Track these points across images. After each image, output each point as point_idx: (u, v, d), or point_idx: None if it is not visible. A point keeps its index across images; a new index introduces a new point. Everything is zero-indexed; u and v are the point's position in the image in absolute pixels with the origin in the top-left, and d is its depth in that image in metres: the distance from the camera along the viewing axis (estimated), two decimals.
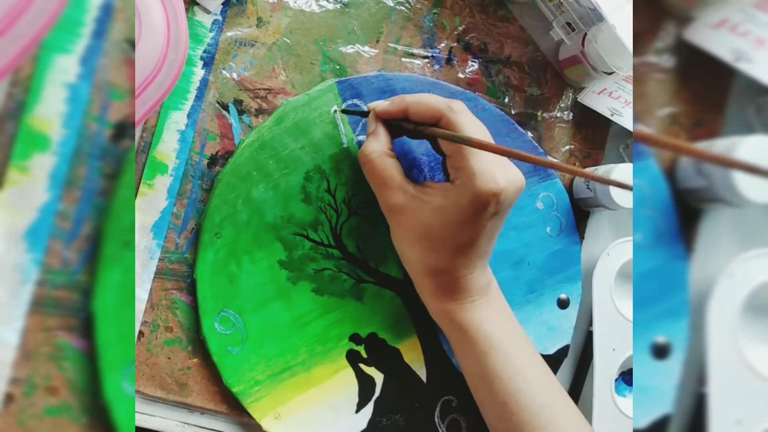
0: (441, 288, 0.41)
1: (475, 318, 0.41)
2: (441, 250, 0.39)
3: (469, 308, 0.41)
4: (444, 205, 0.38)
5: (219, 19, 0.45)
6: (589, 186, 0.47)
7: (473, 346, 0.41)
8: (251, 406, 0.44)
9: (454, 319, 0.41)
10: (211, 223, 0.43)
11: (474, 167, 0.37)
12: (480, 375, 0.41)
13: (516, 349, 0.41)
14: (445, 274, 0.40)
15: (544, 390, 0.40)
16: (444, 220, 0.38)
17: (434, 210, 0.39)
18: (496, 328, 0.41)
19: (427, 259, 0.40)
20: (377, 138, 0.41)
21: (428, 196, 0.39)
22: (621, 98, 0.47)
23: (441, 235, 0.39)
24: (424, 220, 0.39)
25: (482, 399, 0.42)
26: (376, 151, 0.40)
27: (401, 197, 0.40)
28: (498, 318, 0.41)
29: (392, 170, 0.40)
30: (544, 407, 0.39)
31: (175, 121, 0.44)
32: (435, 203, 0.39)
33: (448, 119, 0.38)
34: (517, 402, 0.39)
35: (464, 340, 0.41)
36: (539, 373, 0.41)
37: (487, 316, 0.41)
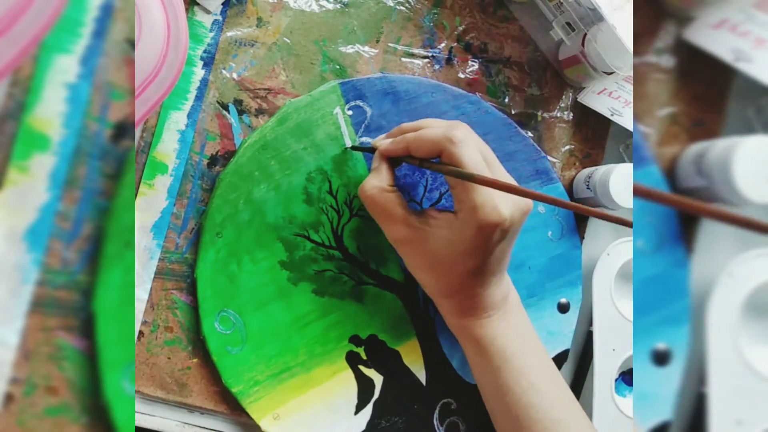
0: (458, 307, 0.41)
1: (489, 332, 0.41)
2: (452, 275, 0.40)
3: (485, 323, 0.41)
4: (449, 236, 0.39)
5: (219, 19, 0.45)
6: (589, 186, 0.47)
7: (487, 360, 0.41)
8: (250, 406, 0.44)
9: (471, 334, 0.41)
10: (213, 222, 0.43)
11: (476, 201, 0.37)
12: (493, 388, 0.41)
13: (530, 363, 0.41)
14: (460, 294, 0.40)
15: (558, 405, 0.40)
16: (450, 249, 0.39)
17: (439, 240, 0.39)
18: (510, 342, 0.41)
19: (440, 285, 0.41)
20: (378, 174, 0.41)
21: (432, 227, 0.40)
22: (621, 98, 0.47)
23: (449, 261, 0.39)
24: (431, 249, 0.40)
25: (495, 412, 0.42)
26: (375, 187, 0.41)
27: (405, 230, 0.40)
28: (513, 332, 0.42)
29: (393, 205, 0.40)
30: (557, 422, 0.39)
31: (175, 121, 0.44)
32: (440, 234, 0.39)
33: (449, 153, 0.38)
34: (529, 416, 0.39)
35: (479, 354, 0.41)
36: (554, 388, 0.41)
37: (502, 330, 0.41)
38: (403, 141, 0.40)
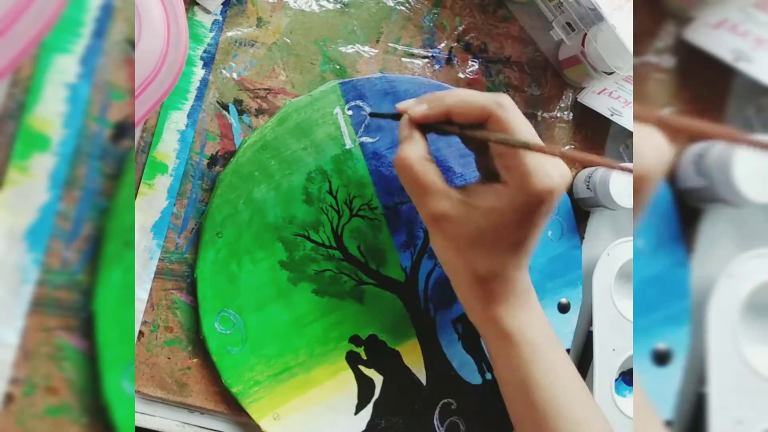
0: (489, 294, 0.39)
1: (518, 323, 0.39)
2: (493, 253, 0.37)
3: (516, 313, 0.39)
4: (497, 207, 0.36)
5: (219, 19, 0.45)
6: (589, 186, 0.47)
7: (516, 352, 0.39)
8: (250, 406, 0.44)
9: (499, 326, 0.39)
10: (213, 222, 0.43)
11: (529, 165, 0.35)
12: (519, 382, 0.39)
13: (556, 357, 0.40)
14: (495, 277, 0.38)
15: (582, 402, 0.39)
16: (497, 221, 0.36)
17: (485, 213, 0.36)
18: (537, 334, 0.39)
19: (476, 265, 0.38)
20: (414, 142, 0.38)
21: (476, 199, 0.37)
22: (621, 98, 0.47)
23: (493, 237, 0.37)
24: (474, 225, 0.37)
25: (518, 406, 0.41)
26: (414, 155, 0.37)
27: (446, 204, 0.37)
28: (539, 325, 0.40)
29: (433, 176, 0.37)
30: (583, 422, 0.38)
31: (175, 121, 0.44)
32: (485, 206, 0.36)
33: (498, 118, 0.36)
34: (557, 412, 0.38)
35: (507, 346, 0.39)
36: (579, 386, 0.40)
37: (529, 321, 0.39)
38: (443, 105, 0.37)
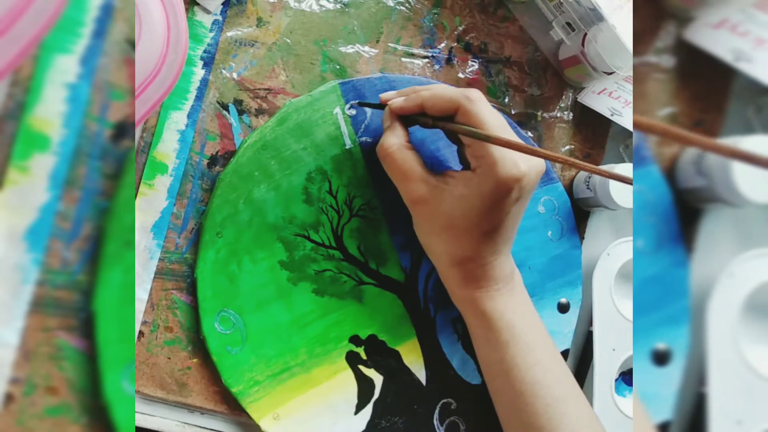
0: (467, 277, 0.41)
1: (498, 306, 0.41)
2: (466, 238, 0.39)
3: (494, 296, 0.41)
4: (466, 193, 0.38)
5: (219, 19, 0.45)
6: (589, 186, 0.47)
7: (495, 335, 0.41)
8: (250, 406, 0.44)
9: (478, 308, 0.41)
10: (213, 222, 0.43)
11: (495, 155, 0.37)
12: (499, 363, 0.41)
13: (536, 339, 0.41)
14: (471, 262, 0.40)
15: (561, 383, 0.41)
16: (467, 208, 0.38)
17: (457, 199, 0.39)
18: (518, 317, 0.41)
19: (452, 249, 0.40)
20: (394, 132, 0.41)
21: (450, 185, 0.39)
22: (621, 98, 0.47)
23: (465, 223, 0.39)
24: (447, 209, 0.39)
25: (498, 389, 0.42)
26: (395, 144, 0.40)
27: (423, 188, 0.40)
28: (521, 308, 0.42)
29: (412, 162, 0.40)
30: (560, 399, 0.39)
31: (175, 121, 0.44)
32: (457, 192, 0.39)
33: (465, 109, 0.38)
34: (533, 393, 0.39)
35: (487, 328, 0.41)
36: (557, 366, 0.41)
37: (510, 305, 0.41)
38: (418, 98, 0.40)
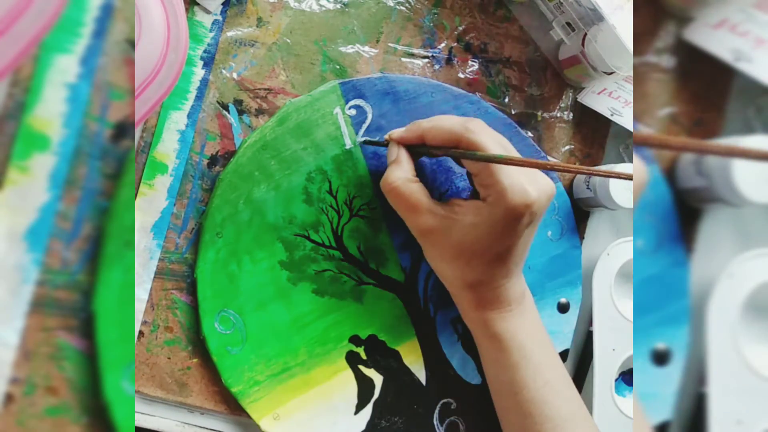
0: (479, 299, 0.41)
1: (510, 327, 0.41)
2: (477, 263, 0.39)
3: (506, 317, 0.41)
4: (477, 221, 0.38)
5: (219, 19, 0.45)
6: (589, 186, 0.47)
7: (506, 355, 0.41)
8: (250, 406, 0.44)
9: (490, 329, 0.41)
10: (213, 222, 0.43)
11: (504, 183, 0.37)
12: (508, 384, 0.41)
13: (546, 360, 0.41)
14: (483, 285, 0.40)
15: (569, 404, 0.41)
16: (479, 235, 0.38)
17: (467, 227, 0.39)
18: (529, 338, 0.41)
19: (464, 274, 0.40)
20: (400, 165, 0.41)
21: (459, 215, 0.39)
22: (621, 98, 0.47)
23: (476, 249, 0.39)
24: (457, 238, 0.39)
25: (506, 408, 0.42)
26: (399, 178, 0.40)
27: (431, 220, 0.40)
28: (532, 328, 0.42)
29: (419, 195, 0.40)
30: (568, 421, 0.40)
31: (175, 121, 0.44)
32: (467, 221, 0.39)
33: (468, 141, 0.38)
34: (542, 413, 0.40)
35: (498, 349, 0.41)
36: (565, 387, 0.41)
37: (522, 326, 0.41)
38: (419, 129, 0.40)
